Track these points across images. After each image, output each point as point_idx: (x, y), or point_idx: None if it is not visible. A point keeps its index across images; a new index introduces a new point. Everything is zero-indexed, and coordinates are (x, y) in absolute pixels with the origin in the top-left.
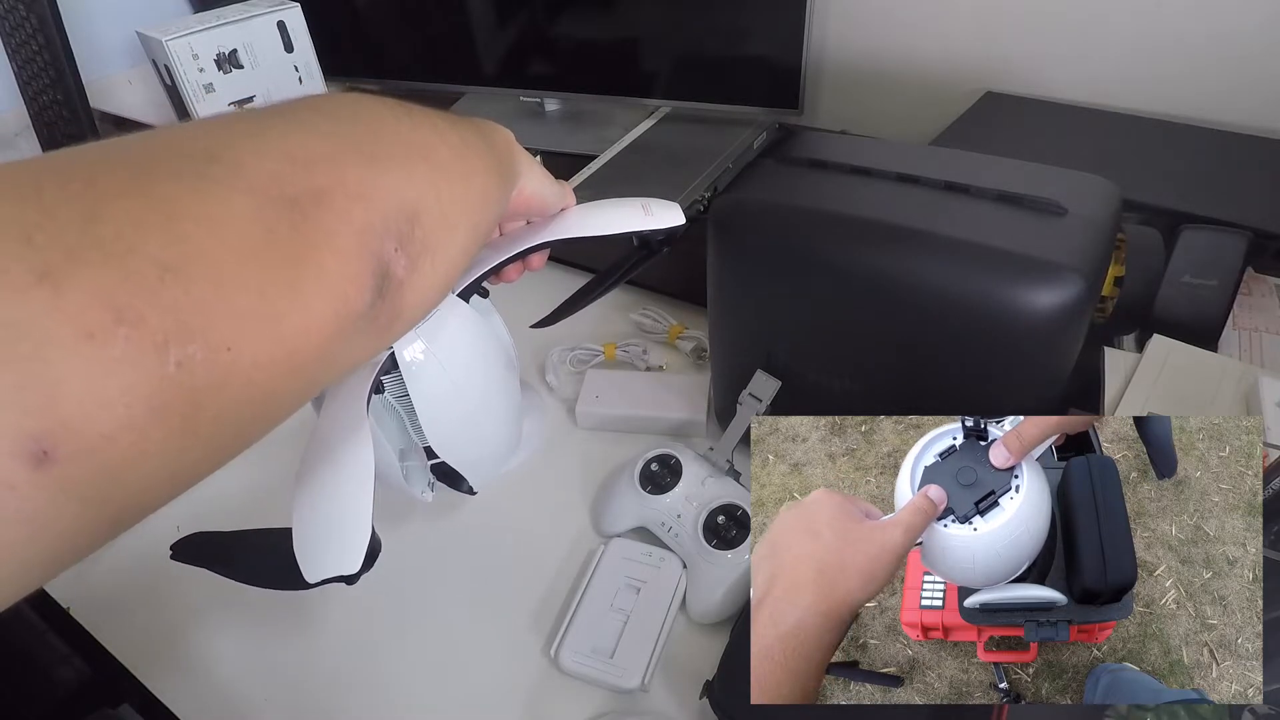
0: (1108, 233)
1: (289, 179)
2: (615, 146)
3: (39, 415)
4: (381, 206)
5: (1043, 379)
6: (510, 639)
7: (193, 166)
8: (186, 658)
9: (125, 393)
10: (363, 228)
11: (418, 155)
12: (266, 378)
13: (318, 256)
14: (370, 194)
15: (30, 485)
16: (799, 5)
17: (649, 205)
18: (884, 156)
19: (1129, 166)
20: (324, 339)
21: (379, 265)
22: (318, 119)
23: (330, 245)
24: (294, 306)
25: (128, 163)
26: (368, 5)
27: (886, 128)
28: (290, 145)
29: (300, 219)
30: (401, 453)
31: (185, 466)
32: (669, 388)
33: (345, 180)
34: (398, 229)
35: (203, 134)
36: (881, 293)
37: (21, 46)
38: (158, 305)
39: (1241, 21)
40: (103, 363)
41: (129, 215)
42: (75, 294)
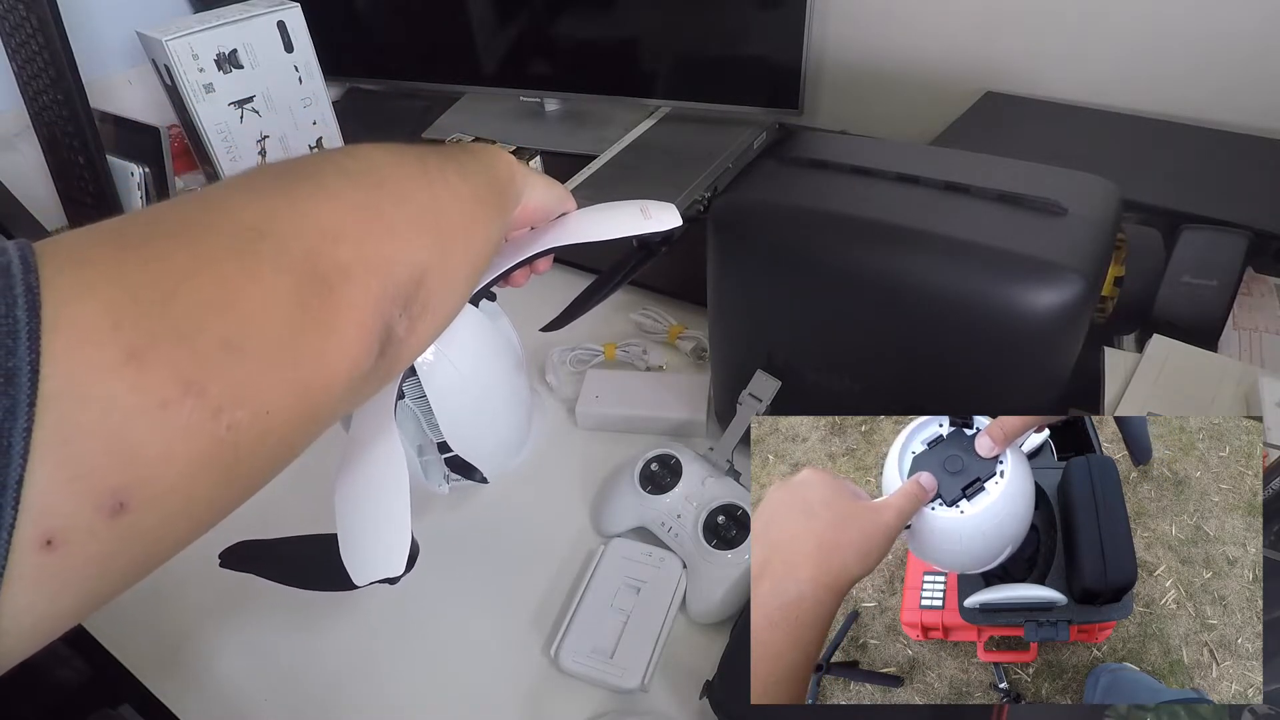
0: (1108, 233)
1: (320, 255)
2: (615, 146)
3: (121, 473)
4: (395, 277)
5: (1043, 379)
6: (510, 639)
7: (247, 244)
8: (186, 658)
9: (186, 451)
10: (378, 297)
11: (431, 220)
12: (291, 430)
13: (341, 327)
14: (387, 266)
15: (108, 532)
16: (799, 5)
17: (647, 208)
18: (884, 156)
19: (1129, 166)
20: (338, 395)
21: (385, 329)
22: (344, 185)
23: (350, 317)
24: (320, 371)
25: (191, 240)
26: (368, 5)
27: (886, 128)
28: (322, 218)
29: (328, 293)
30: (419, 449)
31: (221, 507)
32: (669, 388)
33: (366, 255)
34: (405, 295)
35: (248, 203)
36: (881, 293)
37: (21, 46)
38: (219, 378)
39: (1241, 21)
40: (172, 428)
41: (198, 297)
42: (154, 370)
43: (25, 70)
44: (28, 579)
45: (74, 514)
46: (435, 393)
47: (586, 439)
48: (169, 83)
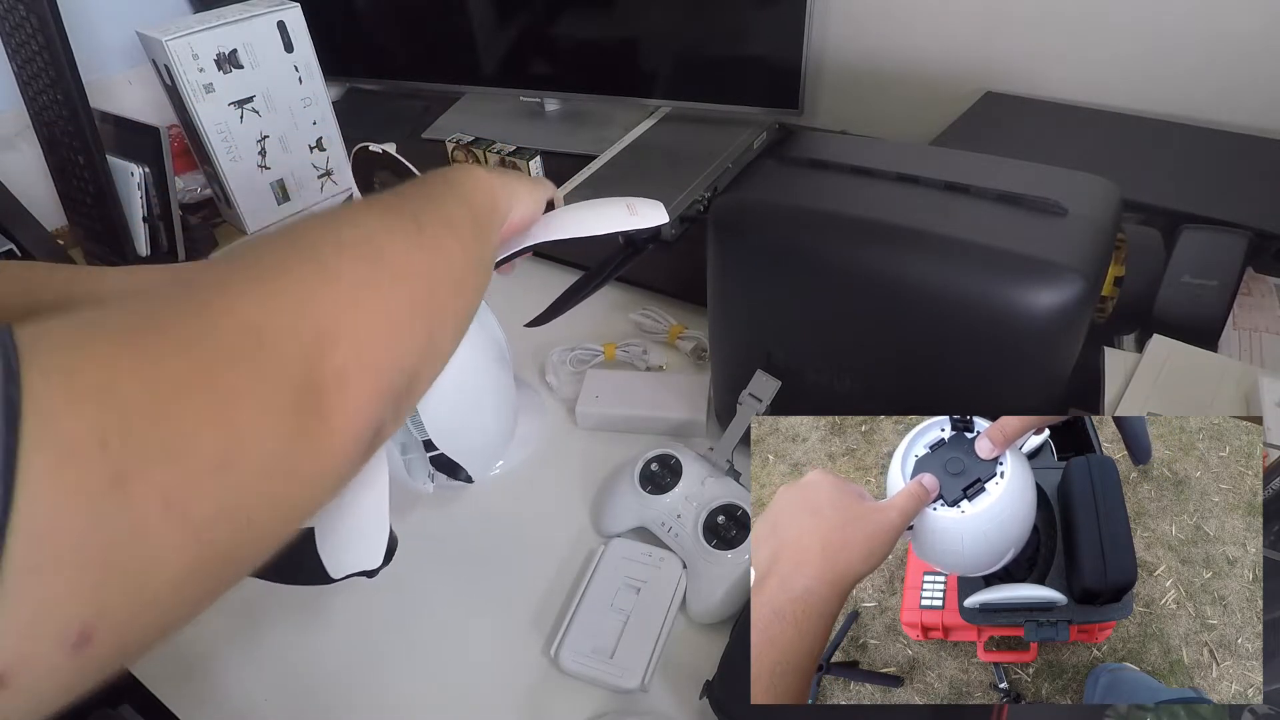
0: (1108, 233)
1: (318, 361)
2: (615, 146)
3: (90, 604)
4: (390, 380)
5: (1043, 379)
6: (510, 639)
7: (245, 353)
8: (186, 657)
9: (167, 569)
10: (371, 400)
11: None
12: (274, 532)
13: (333, 438)
14: (383, 371)
15: (68, 665)
16: (799, 5)
17: (634, 205)
18: (884, 156)
19: (1129, 166)
20: (322, 498)
21: (376, 430)
22: (343, 263)
23: (344, 424)
24: (311, 484)
25: (189, 342)
26: (368, 5)
27: (886, 128)
28: (321, 314)
29: (322, 403)
30: (403, 446)
31: (194, 612)
32: (669, 388)
33: (363, 359)
34: (398, 395)
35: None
36: (881, 293)
37: (21, 46)
38: (206, 497)
39: (1241, 21)
40: (150, 551)
41: (193, 413)
42: (140, 493)
43: (25, 70)
44: None
45: (32, 653)
46: None
47: (586, 439)
48: (169, 83)
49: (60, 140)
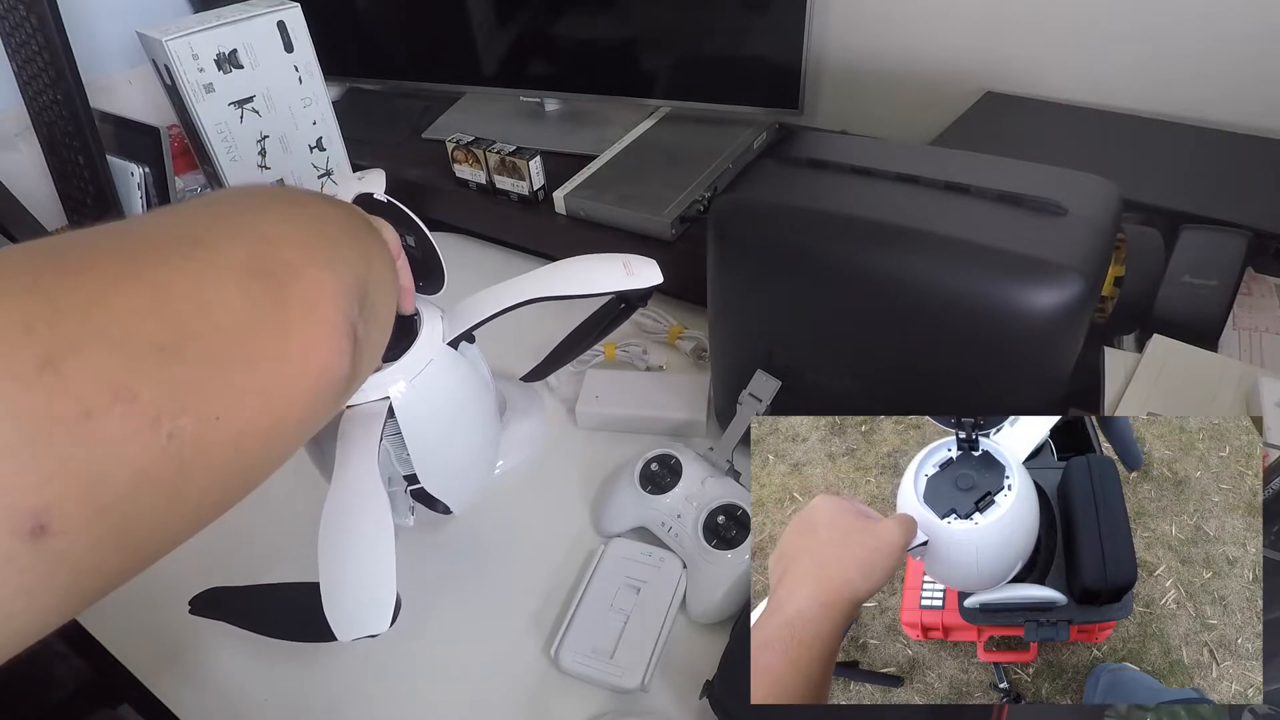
0: (1108, 233)
1: (264, 257)
2: (615, 146)
3: (37, 493)
4: (346, 276)
5: (1043, 379)
6: (510, 639)
7: (179, 249)
8: (186, 658)
9: (121, 466)
10: (335, 295)
11: (352, 236)
12: (252, 444)
13: (301, 327)
14: (336, 266)
15: (29, 557)
16: (799, 5)
17: (630, 263)
18: (884, 156)
19: (1129, 166)
20: (308, 405)
21: (353, 329)
22: (272, 205)
23: (312, 313)
24: (281, 376)
25: (119, 251)
26: (368, 5)
27: (886, 128)
28: (260, 227)
29: (279, 289)
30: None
31: (168, 532)
32: (669, 388)
33: (313, 256)
34: (359, 292)
35: (181, 221)
36: (882, 293)
37: (21, 46)
38: (153, 383)
39: (1241, 22)
40: (99, 440)
41: (127, 301)
42: (76, 378)
43: (25, 70)
44: None
45: None
46: (411, 433)
47: (586, 439)
48: (169, 83)
49: (60, 140)
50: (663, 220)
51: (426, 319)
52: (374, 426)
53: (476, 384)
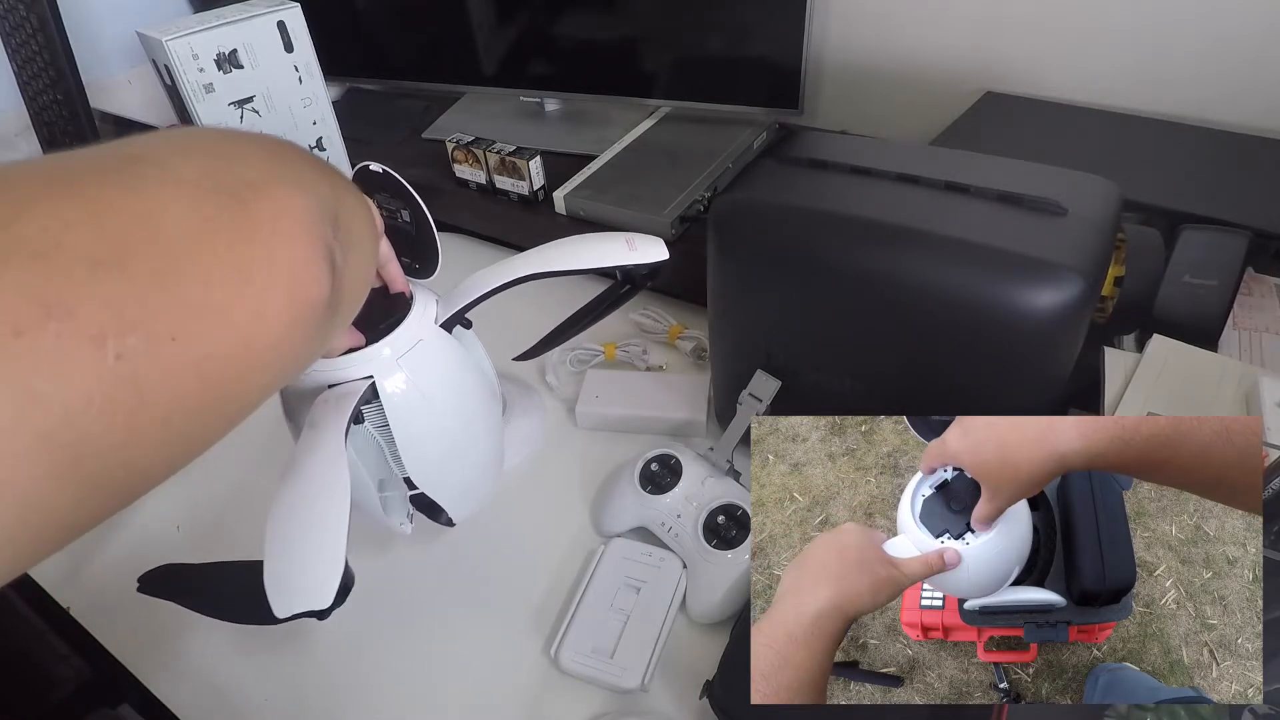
0: (1108, 233)
1: (221, 173)
2: (615, 146)
3: None
4: (316, 195)
5: (1043, 379)
6: (510, 639)
7: (118, 167)
8: (186, 658)
9: (62, 387)
10: (306, 210)
11: (317, 167)
12: (219, 370)
13: (266, 242)
14: (303, 184)
15: None
16: (799, 5)
17: (633, 240)
18: (884, 156)
19: (1129, 166)
20: (281, 328)
21: (328, 250)
22: (223, 136)
23: (277, 231)
24: (245, 294)
25: (47, 173)
26: (368, 5)
27: (886, 128)
28: (215, 148)
29: (239, 206)
30: (381, 483)
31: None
32: (669, 388)
33: (276, 173)
34: (331, 213)
35: (123, 144)
36: (881, 293)
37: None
38: (90, 298)
39: (1241, 22)
40: (33, 359)
41: (55, 214)
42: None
43: (25, 70)
44: None
45: None
46: (399, 423)
47: (586, 439)
48: (169, 83)
49: (60, 140)
50: (663, 220)
51: (418, 297)
52: (347, 400)
53: (473, 373)
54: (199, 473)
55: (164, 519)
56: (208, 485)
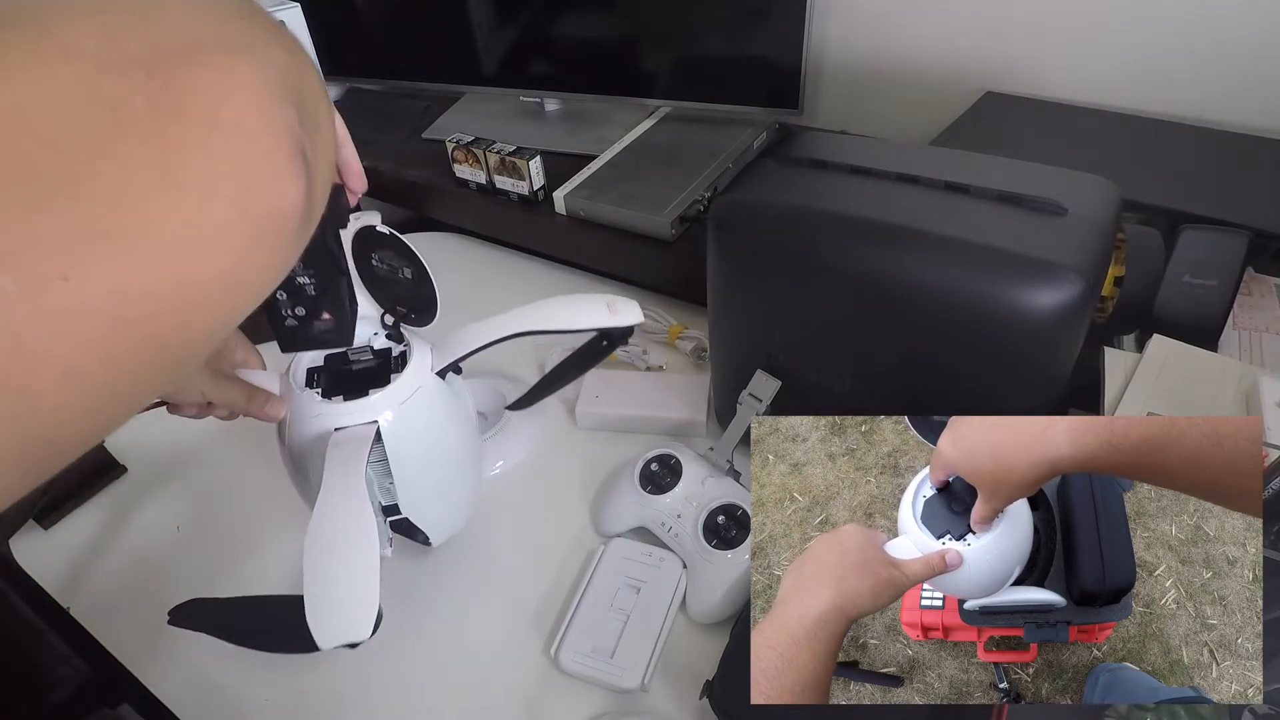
0: (1108, 233)
1: (131, 36)
2: (615, 146)
3: None
4: (270, 62)
5: (1043, 379)
6: (510, 639)
7: None
8: (186, 658)
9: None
10: (258, 89)
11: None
12: (143, 310)
13: (202, 135)
14: (252, 47)
15: None
16: (799, 5)
17: (614, 304)
18: (884, 156)
19: (1129, 166)
20: (236, 253)
21: (295, 139)
22: None
23: (219, 118)
24: (175, 211)
25: None
26: (368, 5)
27: (886, 128)
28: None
29: (161, 86)
30: None
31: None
32: (669, 388)
33: (213, 33)
34: (295, 91)
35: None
36: (881, 293)
37: None
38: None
39: (1241, 22)
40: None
41: None
42: None
43: None
44: None
45: None
46: (398, 460)
47: (586, 439)
48: None
49: None
50: (663, 220)
51: (416, 348)
52: (362, 445)
53: (461, 415)
54: (199, 473)
55: (164, 519)
56: (208, 485)
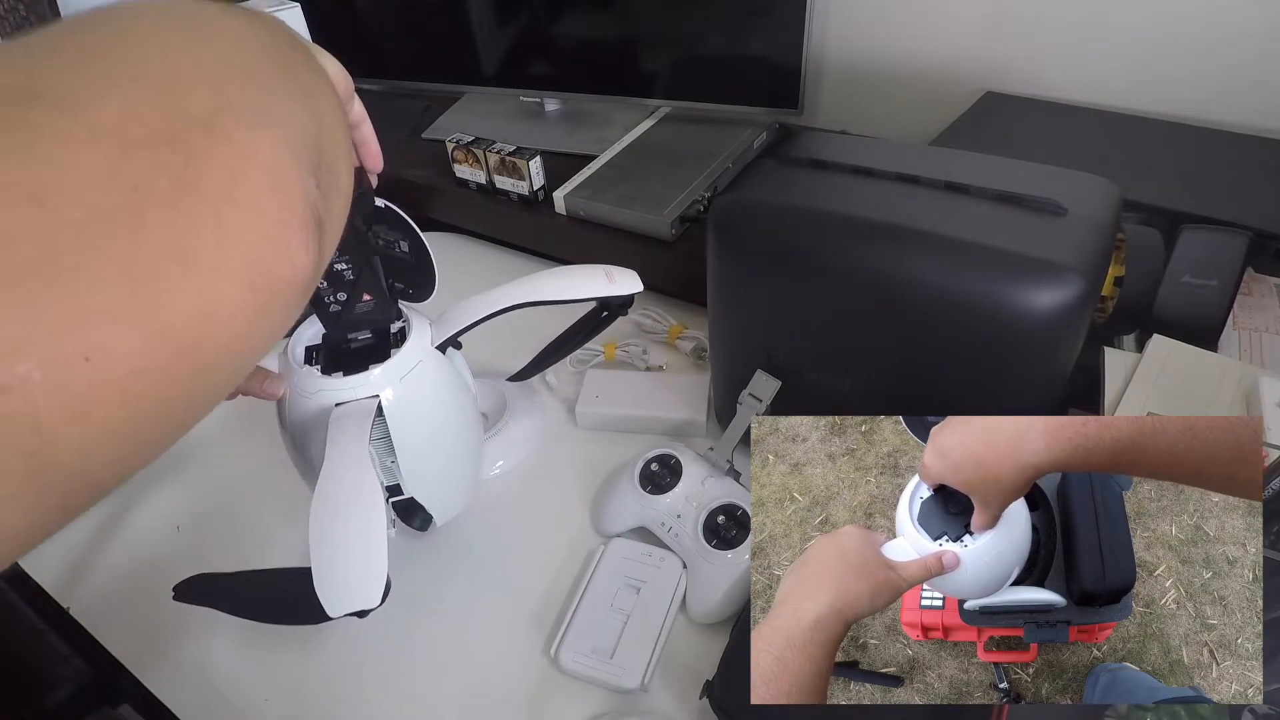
0: (1108, 233)
1: (155, 109)
2: (615, 146)
3: None
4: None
5: (1043, 379)
6: (510, 639)
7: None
8: (186, 658)
9: None
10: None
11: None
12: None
13: (215, 213)
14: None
15: None
16: (799, 5)
17: (612, 273)
18: (884, 156)
19: (1129, 166)
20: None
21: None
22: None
23: (233, 197)
24: (184, 291)
25: None
26: (368, 5)
27: (886, 128)
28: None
29: (183, 164)
30: None
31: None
32: (669, 388)
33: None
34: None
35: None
36: (881, 293)
37: None
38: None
39: (1241, 22)
40: None
41: None
42: None
43: None
44: None
45: None
46: (400, 435)
47: (586, 439)
48: None
49: None
50: (663, 220)
51: (415, 322)
52: (365, 418)
53: (461, 389)
54: (199, 473)
55: (164, 519)
56: (208, 485)
